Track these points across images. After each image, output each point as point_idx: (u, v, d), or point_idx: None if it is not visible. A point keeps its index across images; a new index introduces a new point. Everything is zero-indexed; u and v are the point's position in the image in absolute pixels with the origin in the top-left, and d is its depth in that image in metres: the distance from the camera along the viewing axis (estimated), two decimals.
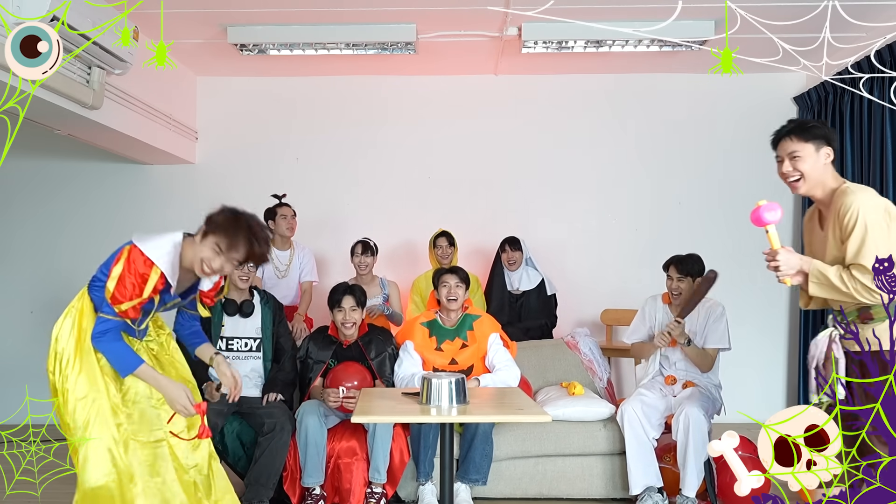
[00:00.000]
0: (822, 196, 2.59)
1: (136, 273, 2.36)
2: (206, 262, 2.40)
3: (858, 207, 2.38)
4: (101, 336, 2.41)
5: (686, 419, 3.37)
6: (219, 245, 2.37)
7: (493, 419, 3.20)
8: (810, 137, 2.53)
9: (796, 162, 2.55)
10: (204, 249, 2.40)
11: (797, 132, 2.55)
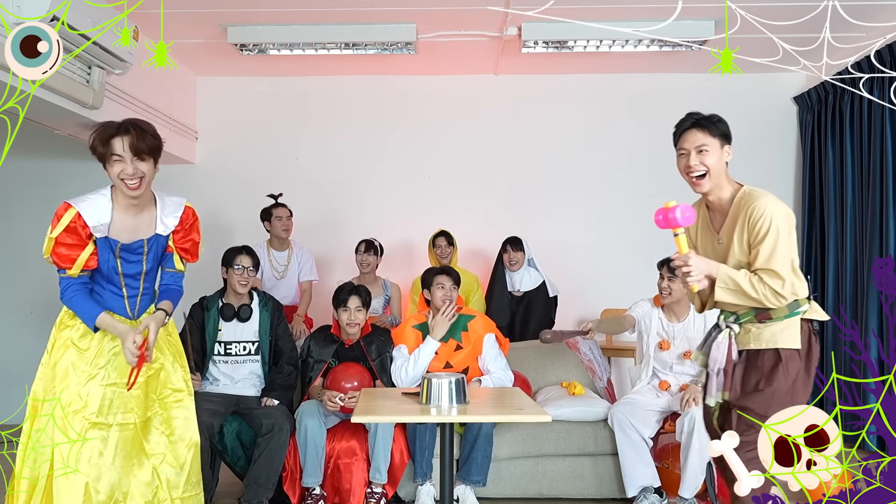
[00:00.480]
0: (716, 197, 2.51)
1: (53, 221, 2.41)
2: (123, 175, 2.38)
3: (772, 213, 2.33)
4: (62, 294, 2.47)
5: (692, 421, 3.36)
6: (103, 155, 2.40)
7: (493, 419, 3.20)
8: (717, 132, 2.48)
9: (703, 156, 2.45)
10: (111, 171, 2.41)
11: (705, 125, 2.50)
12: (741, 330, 2.45)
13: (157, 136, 2.45)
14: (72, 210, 2.39)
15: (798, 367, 2.36)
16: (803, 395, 2.39)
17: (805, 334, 2.38)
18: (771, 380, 2.35)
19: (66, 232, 2.38)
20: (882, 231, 4.48)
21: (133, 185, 2.39)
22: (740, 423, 2.39)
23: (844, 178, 4.96)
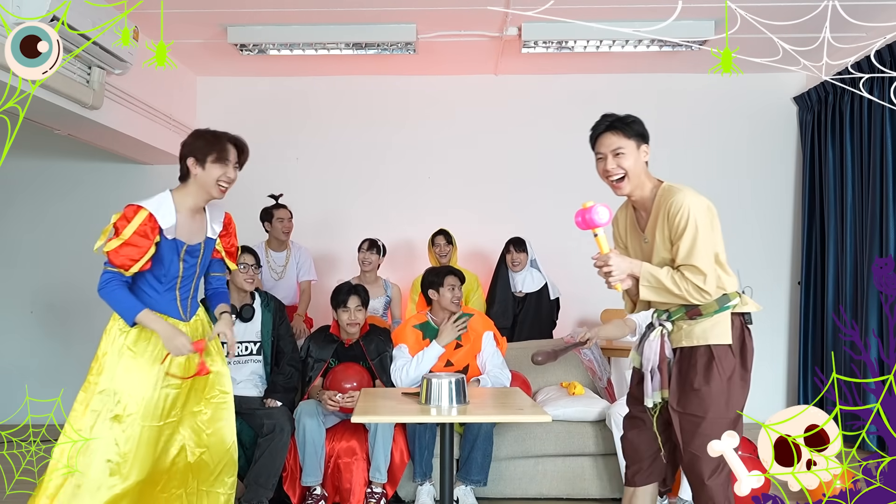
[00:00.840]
0: (639, 196, 2.50)
1: (120, 224, 2.47)
2: (222, 179, 2.56)
3: (689, 207, 2.34)
4: (103, 286, 2.53)
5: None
6: (218, 157, 2.54)
7: (493, 419, 3.20)
8: (632, 133, 2.46)
9: (620, 159, 2.44)
10: (211, 172, 2.55)
11: (619, 127, 2.48)
12: (674, 328, 2.43)
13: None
14: (143, 212, 2.48)
15: (732, 362, 2.35)
16: (741, 392, 2.37)
17: (737, 329, 2.37)
18: (706, 379, 2.34)
19: (136, 234, 2.46)
20: (882, 231, 4.48)
21: (224, 188, 2.60)
22: (684, 430, 2.38)
23: (844, 178, 4.96)
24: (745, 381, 2.38)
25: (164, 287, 2.60)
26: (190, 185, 2.60)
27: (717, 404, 2.33)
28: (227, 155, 2.56)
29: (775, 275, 5.70)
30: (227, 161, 2.56)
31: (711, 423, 2.33)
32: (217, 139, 2.58)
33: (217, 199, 2.62)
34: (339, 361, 3.75)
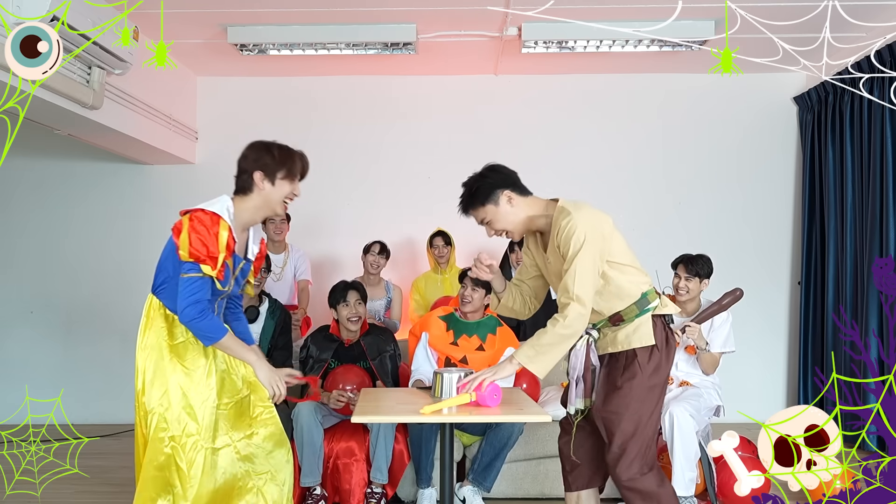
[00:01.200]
0: (536, 227, 2.53)
1: (203, 234, 2.25)
2: (289, 196, 2.43)
3: (573, 229, 2.32)
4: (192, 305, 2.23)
5: (671, 418, 3.36)
6: (288, 174, 2.41)
7: (493, 419, 3.19)
8: (482, 200, 2.46)
9: (492, 224, 2.49)
10: (281, 188, 2.41)
11: (469, 203, 2.50)
12: (600, 335, 2.50)
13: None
14: (225, 224, 2.29)
15: (657, 359, 2.41)
16: (660, 389, 2.44)
17: (659, 329, 2.43)
18: (629, 377, 2.40)
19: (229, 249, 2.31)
20: (882, 231, 4.48)
21: (287, 205, 2.46)
22: (607, 429, 2.44)
23: (844, 178, 4.96)
24: (664, 382, 2.46)
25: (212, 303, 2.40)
26: (253, 198, 2.41)
27: (637, 401, 2.39)
28: (297, 171, 2.45)
29: (775, 275, 5.70)
30: (297, 177, 2.45)
31: (632, 420, 2.39)
32: (289, 155, 2.45)
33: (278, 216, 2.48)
34: (340, 361, 3.75)
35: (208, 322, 2.26)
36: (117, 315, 5.71)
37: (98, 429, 5.33)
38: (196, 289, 2.25)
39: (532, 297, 2.75)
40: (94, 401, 5.64)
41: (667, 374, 2.46)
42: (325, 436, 3.58)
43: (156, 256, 2.53)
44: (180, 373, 2.33)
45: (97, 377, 5.73)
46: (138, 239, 5.72)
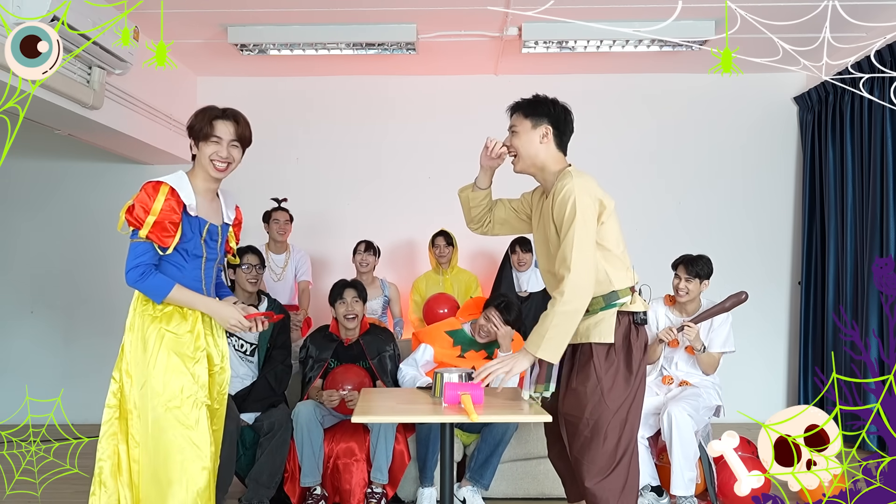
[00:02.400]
0: (542, 179, 2.48)
1: (141, 201, 2.32)
2: (214, 157, 2.44)
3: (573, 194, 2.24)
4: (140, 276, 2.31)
5: (669, 418, 3.36)
6: (205, 134, 2.45)
7: (493, 419, 3.18)
8: (530, 113, 2.42)
9: (512, 137, 2.45)
10: (203, 150, 2.45)
11: (520, 107, 2.46)
12: None
13: (251, 132, 2.62)
14: (165, 186, 2.34)
15: (613, 362, 2.28)
16: (622, 392, 2.28)
17: (623, 328, 2.31)
18: (583, 378, 2.29)
19: (163, 209, 2.33)
20: (882, 231, 4.48)
21: (220, 167, 2.46)
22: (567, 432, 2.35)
23: (844, 178, 4.96)
24: (630, 382, 2.30)
25: (190, 265, 2.45)
26: (196, 165, 2.50)
27: (592, 404, 2.27)
28: (213, 131, 2.46)
29: (775, 275, 5.70)
30: (218, 138, 2.46)
31: (588, 424, 2.27)
32: (203, 115, 2.49)
33: (218, 178, 2.49)
34: (339, 361, 3.75)
35: (151, 280, 2.33)
36: (117, 315, 5.67)
37: (98, 429, 5.33)
38: (138, 253, 2.33)
39: (493, 223, 2.67)
40: (94, 401, 5.62)
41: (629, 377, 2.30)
42: (325, 436, 3.58)
43: None
44: (169, 336, 2.38)
45: (97, 377, 5.71)
46: None
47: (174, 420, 2.31)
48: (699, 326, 3.57)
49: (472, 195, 2.63)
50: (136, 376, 2.35)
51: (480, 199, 2.62)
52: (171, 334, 2.38)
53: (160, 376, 2.33)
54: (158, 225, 2.32)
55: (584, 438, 2.29)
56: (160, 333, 2.37)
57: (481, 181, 2.61)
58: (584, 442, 2.29)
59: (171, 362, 2.34)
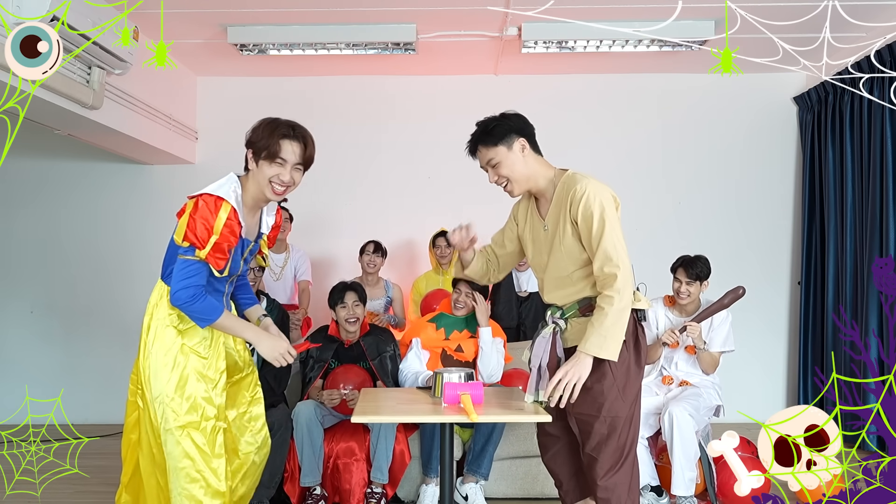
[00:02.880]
0: (536, 189, 2.47)
1: (204, 217, 2.17)
2: (276, 179, 2.26)
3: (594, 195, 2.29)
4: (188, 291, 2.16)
5: (670, 418, 3.37)
6: (270, 154, 2.25)
7: (492, 419, 3.19)
8: (498, 139, 2.38)
9: (497, 168, 2.41)
10: (263, 170, 2.26)
11: (482, 139, 2.42)
12: (568, 326, 2.41)
13: (315, 152, 2.41)
14: (227, 206, 2.19)
15: (626, 358, 2.32)
16: (633, 387, 2.35)
17: (631, 325, 2.33)
18: (598, 377, 2.30)
19: (223, 232, 2.19)
20: (882, 231, 4.48)
21: (279, 190, 2.29)
22: (581, 430, 2.37)
23: (844, 178, 4.96)
24: (638, 378, 2.37)
25: (220, 281, 2.32)
26: (250, 178, 2.32)
27: (609, 402, 2.30)
28: (279, 153, 2.25)
29: (775, 275, 5.71)
30: (283, 161, 2.26)
31: (605, 421, 2.31)
32: (269, 134, 2.26)
33: (274, 200, 2.35)
34: (340, 362, 3.75)
35: (201, 304, 2.20)
36: (117, 315, 5.71)
37: (98, 429, 5.33)
38: (191, 272, 2.20)
39: (497, 270, 2.71)
40: (94, 401, 5.64)
41: (638, 373, 2.36)
42: (325, 436, 3.58)
43: (156, 256, 2.52)
44: (193, 357, 2.27)
45: (97, 377, 5.73)
46: (138, 239, 5.72)
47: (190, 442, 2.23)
48: (700, 325, 3.57)
49: (469, 272, 2.68)
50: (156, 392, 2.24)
51: (476, 268, 2.68)
52: (196, 355, 2.28)
53: (180, 398, 2.23)
54: (217, 247, 2.19)
55: (600, 436, 2.32)
56: (184, 352, 2.26)
57: (466, 258, 2.67)
58: (600, 439, 2.32)
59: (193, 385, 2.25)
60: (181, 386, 2.25)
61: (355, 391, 3.50)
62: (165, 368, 2.25)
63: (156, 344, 2.25)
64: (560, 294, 2.42)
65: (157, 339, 2.26)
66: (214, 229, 2.17)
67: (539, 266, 2.52)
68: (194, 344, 2.30)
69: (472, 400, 2.40)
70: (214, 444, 2.27)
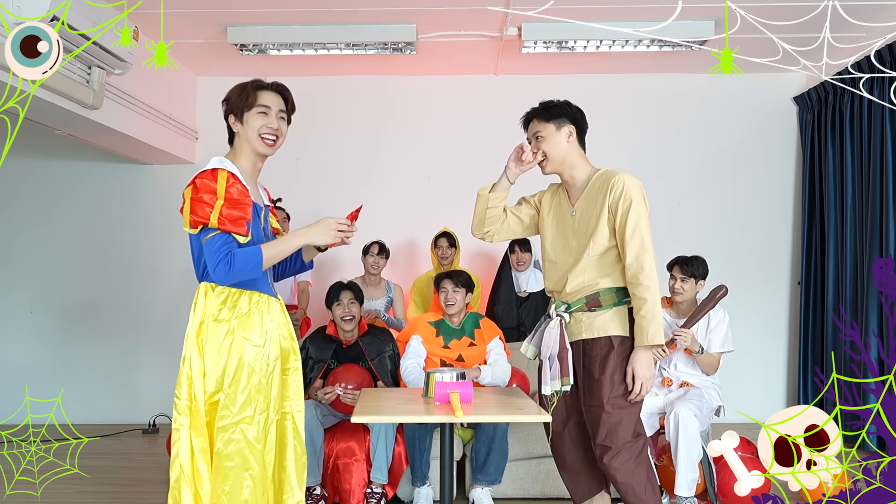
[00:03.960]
0: (569, 176, 2.57)
1: (204, 191, 2.13)
2: (263, 129, 2.27)
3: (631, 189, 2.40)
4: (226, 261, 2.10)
5: (676, 419, 3.37)
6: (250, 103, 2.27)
7: (493, 419, 3.20)
8: (551, 117, 2.53)
9: (539, 143, 2.54)
10: (251, 123, 2.27)
11: (537, 113, 2.58)
12: (572, 319, 2.50)
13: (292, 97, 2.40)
14: (223, 172, 2.16)
15: (628, 350, 2.43)
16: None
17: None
18: (602, 368, 2.42)
19: (229, 191, 2.14)
20: (882, 231, 4.48)
21: (270, 141, 2.29)
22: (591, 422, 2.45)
23: (844, 178, 4.97)
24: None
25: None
26: (238, 145, 2.32)
27: (615, 390, 2.41)
28: (260, 100, 2.27)
29: (775, 275, 5.70)
30: (266, 108, 2.27)
31: (611, 411, 2.40)
32: (244, 88, 2.29)
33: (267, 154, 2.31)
34: (339, 362, 3.75)
35: (241, 259, 2.14)
36: (117, 315, 5.71)
37: (98, 429, 5.33)
38: (217, 246, 2.13)
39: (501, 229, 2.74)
40: (94, 401, 5.65)
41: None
42: (325, 436, 3.58)
43: (156, 256, 2.52)
44: (248, 346, 2.19)
45: (97, 377, 5.73)
46: (138, 239, 5.72)
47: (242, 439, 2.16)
48: (692, 330, 3.56)
49: (493, 196, 2.68)
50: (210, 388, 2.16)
51: (501, 199, 2.69)
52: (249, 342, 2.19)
53: (235, 392, 2.16)
54: (231, 206, 2.13)
55: (609, 425, 2.41)
56: (239, 344, 2.18)
57: (503, 184, 2.68)
58: (610, 429, 2.41)
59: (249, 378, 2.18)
60: (236, 380, 2.17)
61: (354, 389, 3.50)
62: (219, 364, 2.17)
63: (209, 341, 2.18)
64: (571, 284, 2.48)
65: (209, 336, 2.18)
66: (218, 194, 2.13)
67: (555, 250, 2.58)
68: (248, 334, 2.21)
69: (460, 398, 2.41)
70: (265, 439, 2.21)
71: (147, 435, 5.32)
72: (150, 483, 4.00)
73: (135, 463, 4.52)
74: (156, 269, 5.67)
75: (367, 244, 4.78)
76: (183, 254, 5.65)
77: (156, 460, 4.49)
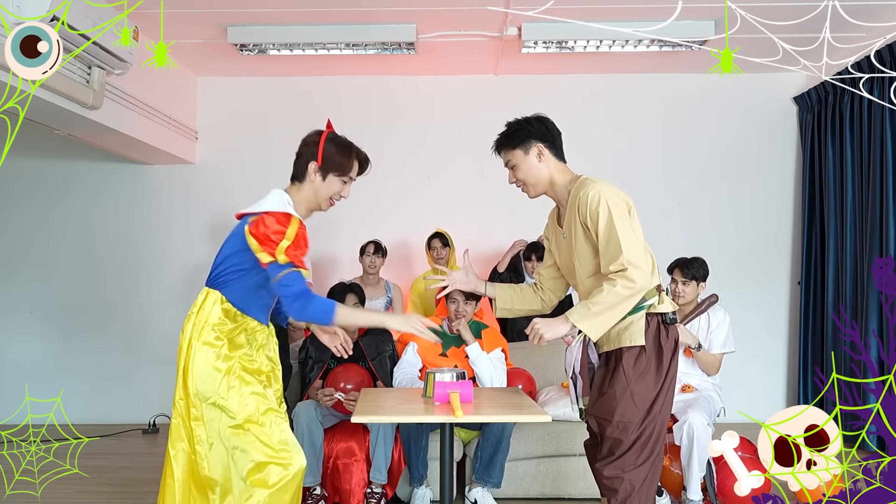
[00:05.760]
0: (553, 194, 2.49)
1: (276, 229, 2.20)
2: (336, 196, 2.41)
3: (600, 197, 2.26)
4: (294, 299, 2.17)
5: (690, 428, 3.37)
6: (344, 169, 2.42)
7: (493, 419, 3.20)
8: (516, 143, 2.45)
9: (514, 171, 2.49)
10: (331, 185, 2.39)
11: (500, 143, 2.51)
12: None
13: None
14: (296, 219, 2.25)
15: (643, 364, 2.30)
16: (651, 392, 2.30)
17: (652, 329, 2.32)
18: (612, 381, 2.31)
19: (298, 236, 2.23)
20: (882, 231, 4.48)
21: (331, 204, 2.44)
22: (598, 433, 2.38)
23: (844, 178, 4.97)
24: (657, 383, 2.32)
25: (269, 297, 2.35)
26: (304, 190, 2.38)
27: (621, 407, 2.29)
28: (351, 171, 2.44)
29: (775, 275, 5.71)
30: (349, 178, 2.44)
31: (617, 427, 2.29)
32: (346, 152, 2.44)
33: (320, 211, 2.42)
34: (339, 362, 3.75)
35: (317, 305, 2.22)
36: (117, 315, 5.71)
37: (98, 429, 5.33)
38: (290, 282, 2.19)
39: (552, 297, 2.68)
40: (94, 401, 5.65)
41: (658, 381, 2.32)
42: (325, 436, 3.58)
43: (156, 256, 2.52)
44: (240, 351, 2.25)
45: (97, 377, 5.73)
46: (138, 239, 5.72)
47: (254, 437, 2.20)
48: (685, 327, 3.58)
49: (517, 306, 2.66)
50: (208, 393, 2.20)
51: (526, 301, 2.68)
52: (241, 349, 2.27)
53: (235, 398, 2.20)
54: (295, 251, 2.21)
55: (612, 440, 2.32)
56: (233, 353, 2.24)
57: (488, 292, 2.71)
58: (612, 443, 2.33)
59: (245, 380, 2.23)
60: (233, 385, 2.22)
61: (354, 391, 3.50)
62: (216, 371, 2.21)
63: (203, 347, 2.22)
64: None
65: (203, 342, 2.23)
66: (288, 234, 2.20)
67: (569, 274, 2.53)
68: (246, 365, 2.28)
69: (460, 398, 2.41)
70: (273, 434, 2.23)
71: (147, 435, 5.32)
72: (151, 483, 4.00)
73: (135, 463, 4.52)
74: (156, 269, 5.66)
75: (364, 244, 4.79)
76: (183, 254, 5.68)
77: (156, 460, 4.49)
